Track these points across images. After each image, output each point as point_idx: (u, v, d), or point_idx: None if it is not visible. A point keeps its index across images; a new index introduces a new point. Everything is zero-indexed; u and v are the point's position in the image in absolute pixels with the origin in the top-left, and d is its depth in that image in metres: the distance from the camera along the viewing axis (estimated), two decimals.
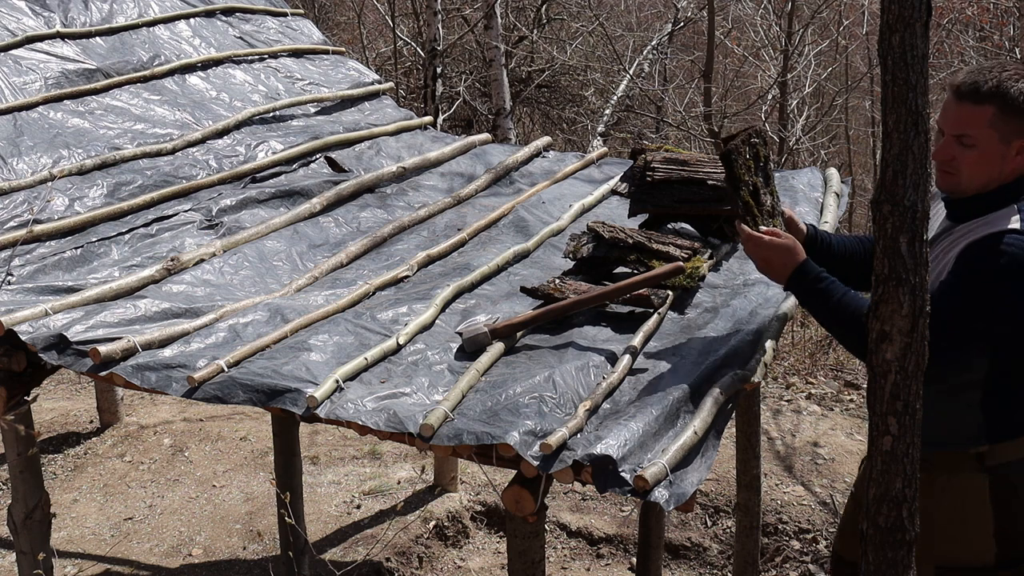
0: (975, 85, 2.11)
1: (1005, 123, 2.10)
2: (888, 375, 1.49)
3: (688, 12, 12.13)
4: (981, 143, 2.11)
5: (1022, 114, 2.09)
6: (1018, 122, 2.10)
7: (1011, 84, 2.09)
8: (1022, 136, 2.10)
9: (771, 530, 4.64)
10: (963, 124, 2.12)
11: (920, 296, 1.45)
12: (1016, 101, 2.08)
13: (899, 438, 1.51)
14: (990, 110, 2.09)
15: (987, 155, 2.12)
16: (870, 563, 1.57)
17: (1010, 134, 2.10)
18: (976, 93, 2.10)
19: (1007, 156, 2.11)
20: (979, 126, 2.10)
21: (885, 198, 1.44)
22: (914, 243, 1.43)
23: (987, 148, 2.11)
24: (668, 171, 3.23)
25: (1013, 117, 2.09)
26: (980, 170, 2.13)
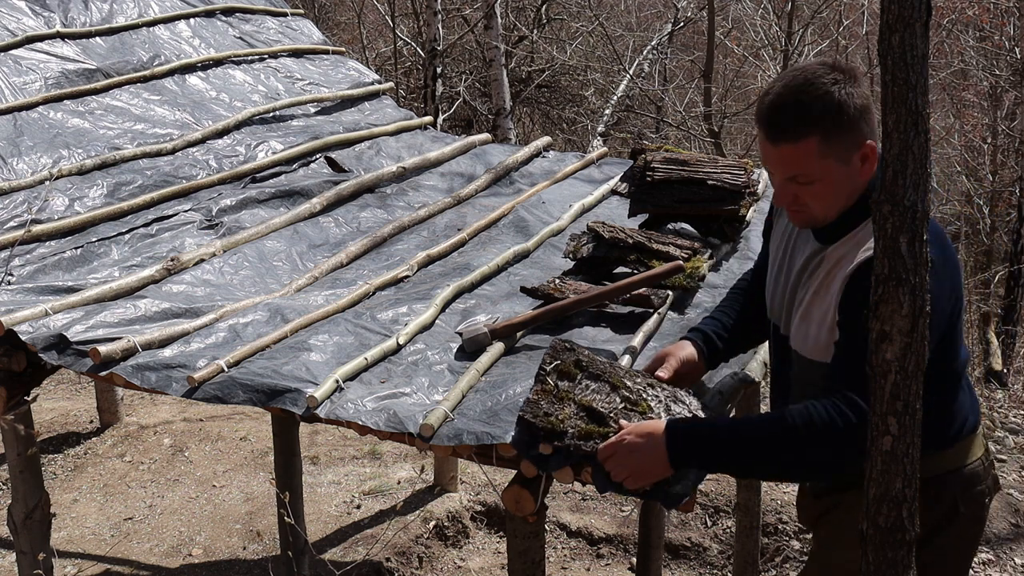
0: (782, 124, 1.85)
1: (835, 144, 1.84)
2: (888, 375, 1.49)
3: (688, 12, 12.13)
4: (820, 175, 1.86)
5: (847, 126, 1.83)
6: (848, 135, 1.84)
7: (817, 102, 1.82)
8: (859, 144, 1.85)
9: (771, 530, 4.64)
10: (791, 166, 1.88)
11: (920, 296, 1.45)
12: (835, 117, 1.82)
13: (899, 438, 1.51)
14: (813, 142, 1.83)
15: (833, 182, 1.87)
16: (870, 563, 1.57)
17: (845, 151, 1.85)
18: (789, 132, 1.84)
19: (854, 172, 1.87)
20: (810, 162, 1.85)
21: (885, 198, 1.44)
22: (914, 243, 1.43)
23: (831, 175, 1.87)
24: (668, 171, 3.23)
25: (839, 133, 1.84)
26: (832, 199, 1.89)
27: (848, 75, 1.85)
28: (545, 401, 1.97)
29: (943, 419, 1.92)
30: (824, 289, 1.90)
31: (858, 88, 1.85)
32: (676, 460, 1.83)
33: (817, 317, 1.91)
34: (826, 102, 1.82)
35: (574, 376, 2.01)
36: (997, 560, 4.20)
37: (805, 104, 1.83)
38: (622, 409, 1.96)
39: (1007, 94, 10.79)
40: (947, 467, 1.96)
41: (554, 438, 1.92)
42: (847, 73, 1.86)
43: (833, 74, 1.85)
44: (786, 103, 1.85)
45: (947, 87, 12.28)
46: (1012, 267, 9.92)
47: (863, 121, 1.85)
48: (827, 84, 1.83)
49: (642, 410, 1.96)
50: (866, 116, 1.86)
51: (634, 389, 2.01)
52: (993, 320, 8.34)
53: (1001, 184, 11.05)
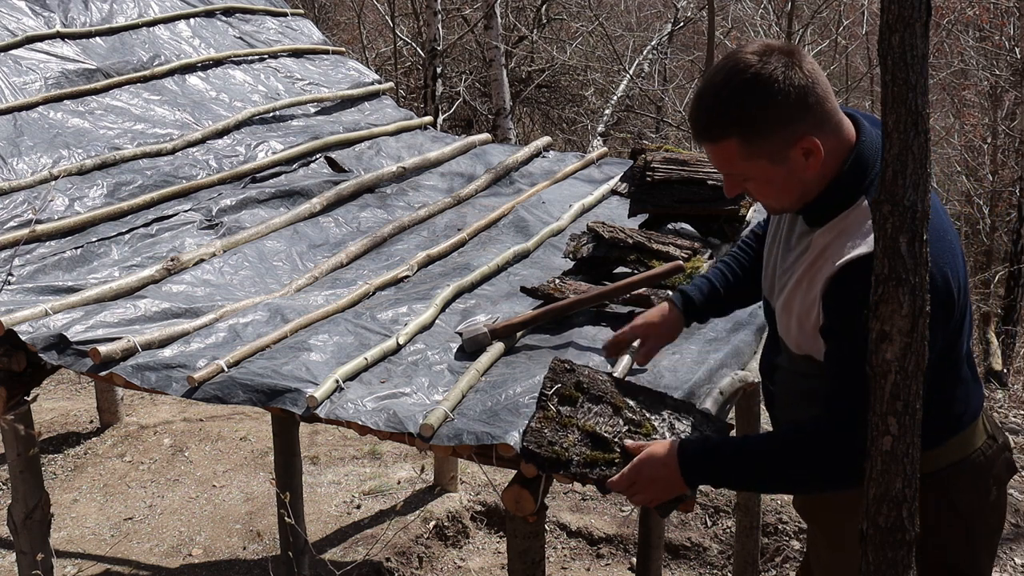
0: (700, 123, 1.75)
1: (760, 144, 1.71)
2: (888, 375, 1.49)
3: (688, 12, 12.13)
4: (753, 174, 1.77)
5: (772, 123, 1.69)
6: (775, 134, 1.70)
7: (734, 101, 1.69)
8: (792, 143, 1.70)
9: (771, 530, 4.64)
10: (722, 164, 1.79)
11: (920, 296, 1.45)
12: (753, 116, 1.69)
13: (899, 438, 1.51)
14: (732, 143, 1.72)
15: (771, 180, 1.77)
16: (870, 563, 1.57)
17: (776, 150, 1.71)
18: (706, 133, 1.74)
19: (795, 168, 1.73)
20: (735, 163, 1.76)
21: (885, 198, 1.44)
22: (914, 243, 1.43)
23: (765, 175, 1.76)
24: (668, 171, 3.23)
25: (762, 133, 1.70)
26: (777, 195, 1.80)
27: (780, 62, 1.68)
28: (548, 429, 1.96)
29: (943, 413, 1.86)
30: (807, 281, 1.80)
31: (792, 77, 1.68)
32: (691, 481, 1.84)
33: (798, 311, 1.83)
34: (743, 101, 1.68)
35: (576, 399, 2.01)
36: (997, 560, 4.20)
37: (721, 103, 1.70)
38: (626, 432, 1.96)
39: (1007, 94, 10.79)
40: (948, 460, 1.89)
41: (559, 468, 1.92)
42: (780, 56, 1.69)
43: (758, 62, 1.68)
44: (706, 102, 1.73)
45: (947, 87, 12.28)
46: (1012, 267, 9.92)
47: (795, 115, 1.69)
48: (748, 80, 1.68)
49: (646, 431, 1.96)
50: (800, 108, 1.69)
51: (637, 410, 2.01)
52: (993, 320, 8.34)
53: (1001, 184, 11.05)
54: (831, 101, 1.74)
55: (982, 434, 1.93)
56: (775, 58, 1.69)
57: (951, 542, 1.92)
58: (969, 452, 1.91)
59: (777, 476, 1.84)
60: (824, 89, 1.72)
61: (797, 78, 1.68)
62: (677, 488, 1.85)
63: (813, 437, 1.76)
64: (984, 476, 1.93)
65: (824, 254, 1.76)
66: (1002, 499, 1.98)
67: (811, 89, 1.69)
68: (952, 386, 1.87)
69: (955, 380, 1.87)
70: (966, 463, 1.90)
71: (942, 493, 1.88)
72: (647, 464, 1.86)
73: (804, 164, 1.73)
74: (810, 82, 1.70)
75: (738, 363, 2.50)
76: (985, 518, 1.96)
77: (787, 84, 1.68)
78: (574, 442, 1.94)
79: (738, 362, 2.50)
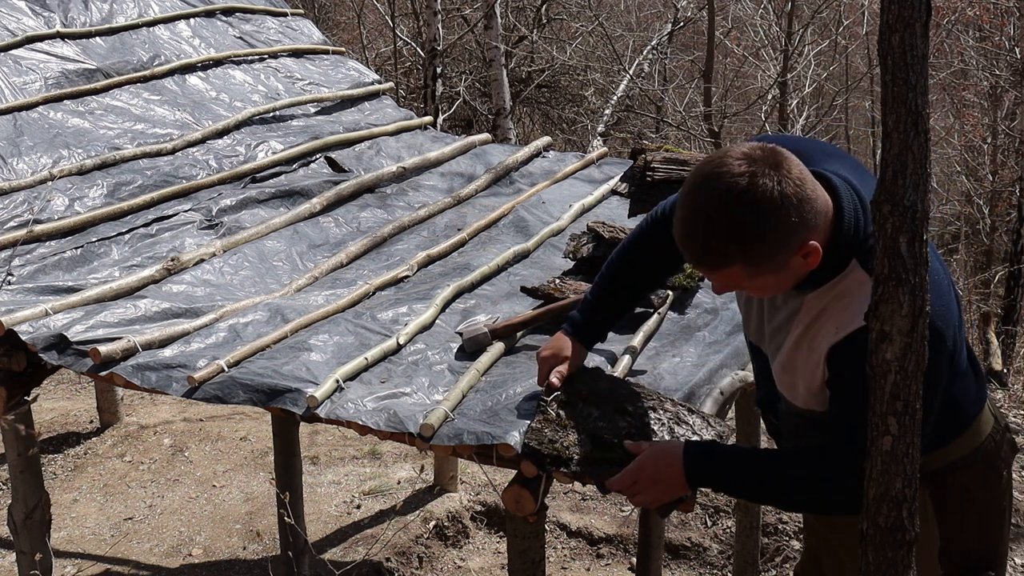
0: (697, 255, 1.71)
1: (761, 267, 1.69)
2: (888, 375, 1.49)
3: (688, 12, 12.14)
4: (757, 286, 1.77)
5: (770, 252, 1.66)
6: (776, 257, 1.67)
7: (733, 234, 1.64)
8: (793, 254, 1.68)
9: (771, 530, 4.64)
10: (724, 287, 1.80)
11: (920, 296, 1.45)
12: (751, 246, 1.65)
13: (899, 438, 1.51)
14: (736, 271, 1.70)
15: (772, 286, 1.77)
16: (870, 563, 1.57)
17: (777, 267, 1.69)
18: (706, 261, 1.71)
19: (796, 268, 1.72)
20: (740, 282, 1.75)
21: (885, 198, 1.44)
22: (914, 243, 1.43)
23: (767, 284, 1.75)
24: (668, 171, 3.23)
25: (764, 261, 1.68)
26: (776, 290, 1.80)
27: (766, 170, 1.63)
28: (548, 429, 1.97)
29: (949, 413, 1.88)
30: (807, 343, 1.80)
31: (784, 188, 1.62)
32: (694, 482, 1.85)
33: (803, 373, 1.83)
34: (742, 230, 1.63)
35: (575, 405, 2.02)
36: None
37: (717, 234, 1.65)
38: (625, 435, 1.96)
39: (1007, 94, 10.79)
40: (962, 452, 1.93)
41: (560, 464, 1.92)
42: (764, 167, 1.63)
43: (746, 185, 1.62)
44: (697, 232, 1.67)
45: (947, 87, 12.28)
46: (1012, 267, 9.92)
47: (795, 229, 1.65)
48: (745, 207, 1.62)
49: (645, 434, 1.96)
50: (796, 220, 1.64)
51: (636, 415, 2.00)
52: (993, 320, 8.33)
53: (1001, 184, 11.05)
54: (811, 189, 1.68)
55: (990, 420, 1.97)
56: (762, 171, 1.63)
57: (970, 532, 1.97)
58: (980, 441, 1.95)
59: (778, 489, 1.85)
60: (806, 183, 1.67)
61: (790, 190, 1.63)
62: (679, 489, 1.85)
63: (819, 459, 1.79)
64: (995, 462, 1.98)
65: (822, 317, 1.77)
66: (1010, 479, 2.04)
67: (798, 191, 1.64)
68: (958, 389, 1.89)
69: (960, 382, 1.90)
70: (979, 452, 1.94)
71: (959, 485, 1.93)
72: (650, 464, 1.86)
73: (804, 263, 1.71)
74: (798, 187, 1.64)
75: (738, 363, 2.50)
76: (999, 502, 2.02)
77: (783, 201, 1.62)
78: (575, 442, 1.94)
79: (738, 362, 2.50)
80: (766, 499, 2.01)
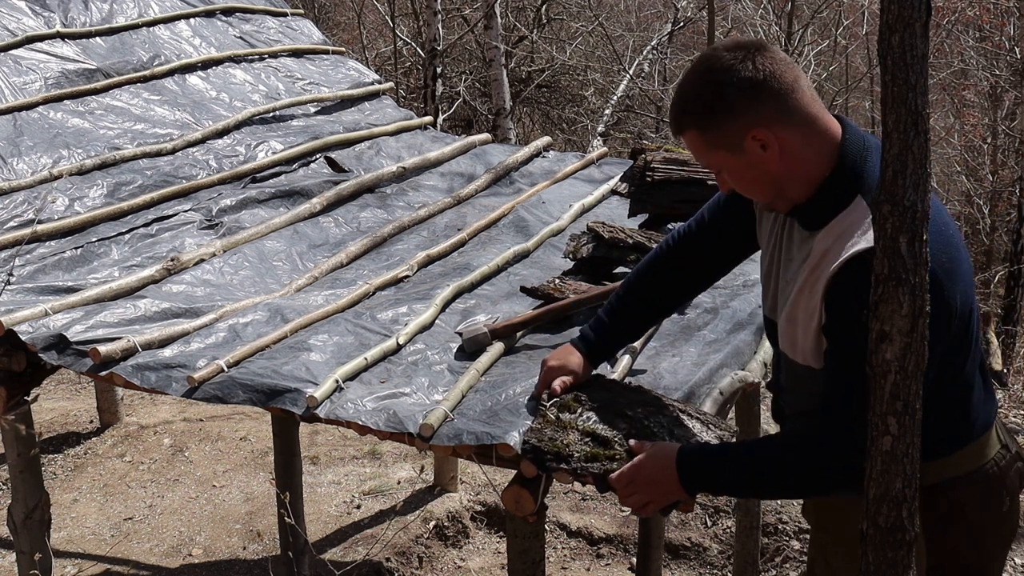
0: (670, 117, 1.85)
1: (714, 134, 1.76)
2: (888, 375, 1.49)
3: (688, 12, 12.14)
4: (720, 165, 1.82)
5: (720, 115, 1.74)
6: (725, 124, 1.74)
7: (691, 94, 1.77)
8: (743, 134, 1.73)
9: (771, 530, 4.64)
10: (695, 156, 1.87)
11: (920, 296, 1.45)
12: (704, 107, 1.75)
13: (899, 438, 1.51)
14: (693, 135, 1.80)
15: (737, 171, 1.80)
16: (870, 563, 1.57)
17: (730, 142, 1.75)
18: (674, 125, 1.83)
19: (753, 160, 1.75)
20: (700, 153, 1.83)
21: (885, 198, 1.44)
22: (914, 243, 1.43)
23: (728, 166, 1.80)
24: (668, 171, 3.23)
25: (714, 124, 1.76)
26: (748, 184, 1.82)
27: (744, 54, 1.73)
28: (548, 428, 1.98)
29: (951, 422, 1.82)
30: (808, 288, 1.77)
31: (750, 68, 1.71)
32: (689, 488, 1.84)
33: (803, 320, 1.80)
34: (698, 93, 1.76)
35: (574, 409, 2.02)
36: None
37: (682, 96, 1.80)
38: (626, 436, 1.96)
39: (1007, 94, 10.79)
40: (960, 470, 1.85)
41: (561, 461, 1.92)
42: (744, 51, 1.74)
43: (721, 57, 1.74)
44: (674, 97, 1.84)
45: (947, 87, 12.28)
46: (1012, 267, 9.92)
47: (747, 105, 1.71)
48: (703, 73, 1.76)
49: (646, 436, 1.96)
50: (752, 99, 1.71)
51: (635, 418, 2.00)
52: (993, 320, 8.33)
53: (1001, 184, 11.05)
54: (799, 95, 1.73)
55: (995, 444, 1.89)
56: (735, 52, 1.74)
57: (961, 553, 1.88)
58: (982, 463, 1.86)
59: (776, 482, 1.82)
60: (788, 83, 1.73)
61: (753, 69, 1.71)
62: (675, 493, 1.84)
63: (811, 440, 1.75)
64: (997, 487, 1.88)
65: (826, 258, 1.74)
66: (1015, 509, 1.94)
67: (766, 82, 1.71)
68: (962, 395, 1.82)
69: (965, 388, 1.83)
70: (979, 474, 1.86)
71: (953, 503, 1.84)
72: (648, 463, 1.85)
73: (763, 156, 1.74)
74: (767, 75, 1.72)
75: (738, 363, 2.49)
76: (996, 529, 1.92)
77: (741, 75, 1.71)
78: (575, 440, 1.94)
79: (738, 362, 2.50)
80: (767, 491, 1.97)
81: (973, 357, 1.82)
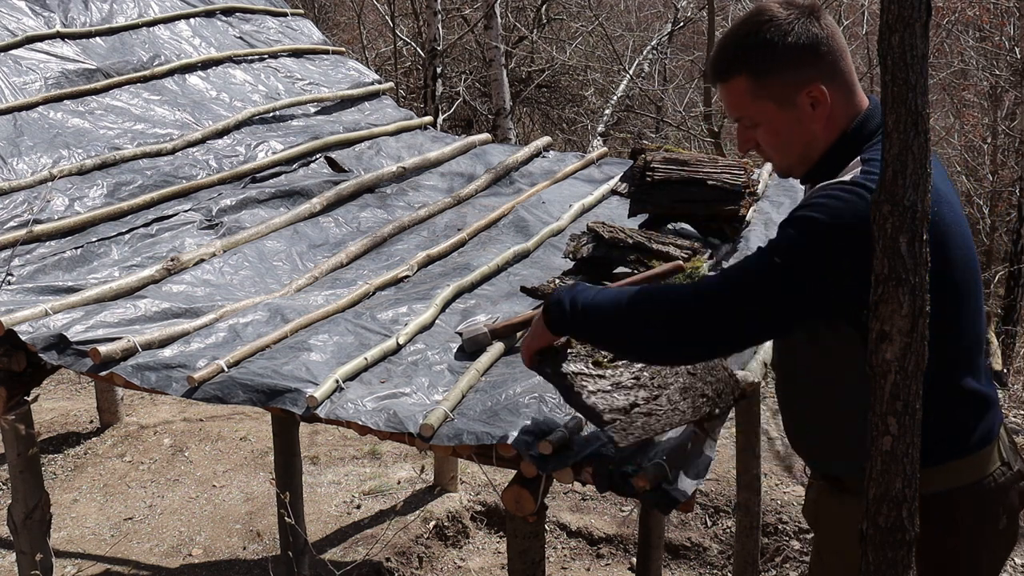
0: (716, 62, 1.80)
1: (769, 83, 1.74)
2: (888, 375, 1.49)
3: (688, 12, 12.14)
4: (761, 117, 1.78)
5: (781, 62, 1.73)
6: (783, 74, 1.73)
7: (748, 38, 1.75)
8: (800, 88, 1.73)
9: (771, 530, 4.64)
10: (733, 107, 1.82)
11: (920, 296, 1.45)
12: (763, 53, 1.73)
13: (899, 438, 1.51)
14: (743, 80, 1.76)
15: (777, 126, 1.78)
16: (870, 563, 1.57)
17: (783, 92, 1.74)
18: (721, 70, 1.79)
19: (802, 116, 1.75)
20: (744, 102, 1.78)
21: (885, 198, 1.44)
22: (914, 243, 1.43)
23: (771, 119, 1.77)
24: (668, 171, 3.23)
25: (772, 71, 1.73)
26: (780, 144, 1.80)
27: (799, 12, 1.74)
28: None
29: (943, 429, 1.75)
30: None
31: (808, 26, 1.73)
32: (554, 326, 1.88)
33: None
34: (756, 39, 1.73)
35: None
36: None
37: (736, 41, 1.77)
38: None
39: (1007, 94, 10.79)
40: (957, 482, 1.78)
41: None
42: (800, 9, 1.75)
43: (778, 10, 1.74)
44: (723, 43, 1.80)
45: (947, 87, 12.28)
46: (1012, 267, 9.92)
47: (806, 60, 1.72)
48: (763, 21, 1.74)
49: None
50: (811, 55, 1.72)
51: None
52: (993, 320, 8.33)
53: (1001, 184, 11.05)
54: (847, 63, 1.76)
55: (995, 460, 1.84)
56: (795, 9, 1.75)
57: (954, 565, 1.83)
58: (979, 477, 1.81)
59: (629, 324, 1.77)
60: (840, 48, 1.75)
61: (813, 27, 1.73)
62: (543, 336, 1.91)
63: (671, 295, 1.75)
64: (993, 503, 1.83)
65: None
66: (1013, 528, 1.88)
67: (825, 41, 1.73)
68: (955, 401, 1.77)
69: (957, 393, 1.77)
70: (975, 488, 1.80)
71: (948, 515, 1.79)
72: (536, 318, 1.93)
73: (811, 114, 1.75)
74: (826, 35, 1.74)
75: (738, 363, 2.49)
76: (989, 546, 1.87)
77: (801, 29, 1.73)
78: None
79: (738, 362, 2.50)
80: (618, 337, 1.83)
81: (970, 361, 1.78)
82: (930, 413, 1.58)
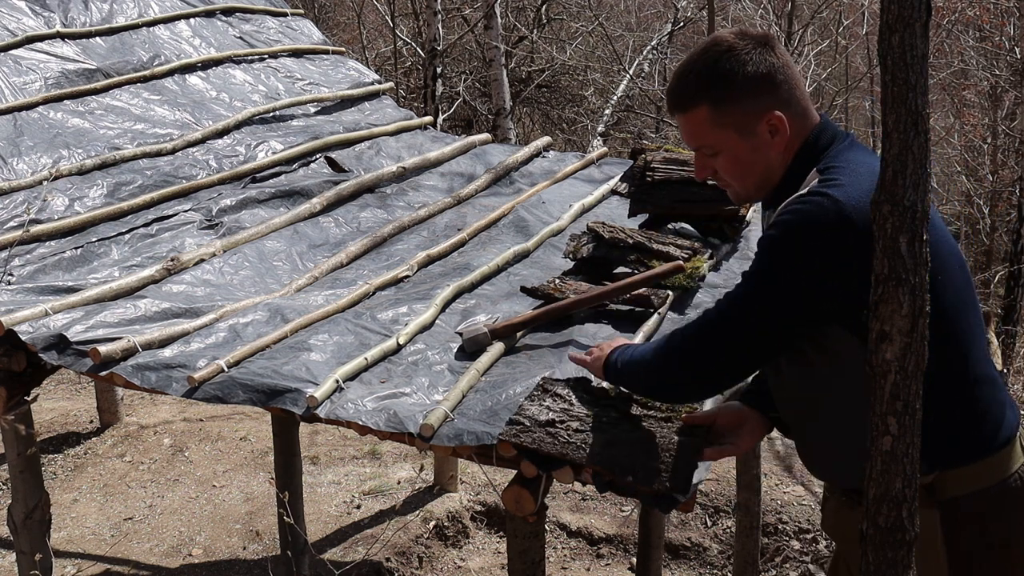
0: (676, 93, 1.82)
1: (728, 113, 1.77)
2: (888, 375, 1.49)
3: (688, 12, 12.14)
4: (721, 146, 1.81)
5: (739, 93, 1.76)
6: (742, 103, 1.76)
7: (706, 70, 1.77)
8: (759, 116, 1.76)
9: (771, 530, 4.64)
10: (693, 137, 1.84)
11: (920, 296, 1.45)
12: (723, 83, 1.76)
13: (899, 438, 1.51)
14: (704, 111, 1.78)
15: (737, 154, 1.80)
16: (870, 563, 1.57)
17: (743, 121, 1.77)
18: (681, 101, 1.81)
19: (761, 144, 1.78)
20: (705, 132, 1.80)
21: (885, 198, 1.44)
22: (914, 243, 1.43)
23: (732, 147, 1.80)
24: (668, 171, 3.23)
25: (731, 101, 1.76)
26: (740, 171, 1.82)
27: (754, 43, 1.78)
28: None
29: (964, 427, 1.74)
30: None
31: (764, 56, 1.76)
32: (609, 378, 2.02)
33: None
34: (716, 69, 1.76)
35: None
36: None
37: (696, 72, 1.79)
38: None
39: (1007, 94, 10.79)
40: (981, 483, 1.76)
41: None
42: (754, 40, 1.78)
43: (734, 40, 1.78)
44: (681, 73, 1.82)
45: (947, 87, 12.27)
46: (1012, 267, 9.91)
47: (764, 89, 1.76)
48: (722, 52, 1.77)
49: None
50: (768, 84, 1.76)
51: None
52: (993, 320, 8.33)
53: (1001, 184, 11.05)
54: (800, 89, 1.80)
55: (1019, 457, 1.80)
56: (751, 40, 1.79)
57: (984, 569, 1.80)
58: (1006, 474, 1.78)
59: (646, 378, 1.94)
60: (794, 76, 1.80)
61: (769, 56, 1.78)
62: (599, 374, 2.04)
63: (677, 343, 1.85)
64: (1021, 502, 1.79)
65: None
66: None
67: (781, 69, 1.78)
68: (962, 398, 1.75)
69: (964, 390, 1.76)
70: (1004, 485, 1.78)
71: (975, 518, 1.77)
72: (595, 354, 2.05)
73: (770, 141, 1.78)
74: (781, 64, 1.78)
75: None
76: (1021, 545, 1.83)
77: (758, 59, 1.77)
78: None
79: None
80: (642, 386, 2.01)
81: (974, 359, 1.77)
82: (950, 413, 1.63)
